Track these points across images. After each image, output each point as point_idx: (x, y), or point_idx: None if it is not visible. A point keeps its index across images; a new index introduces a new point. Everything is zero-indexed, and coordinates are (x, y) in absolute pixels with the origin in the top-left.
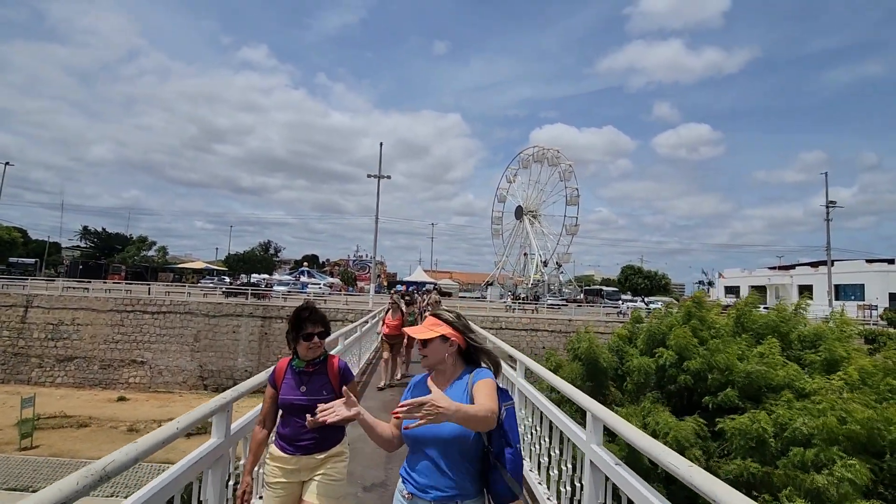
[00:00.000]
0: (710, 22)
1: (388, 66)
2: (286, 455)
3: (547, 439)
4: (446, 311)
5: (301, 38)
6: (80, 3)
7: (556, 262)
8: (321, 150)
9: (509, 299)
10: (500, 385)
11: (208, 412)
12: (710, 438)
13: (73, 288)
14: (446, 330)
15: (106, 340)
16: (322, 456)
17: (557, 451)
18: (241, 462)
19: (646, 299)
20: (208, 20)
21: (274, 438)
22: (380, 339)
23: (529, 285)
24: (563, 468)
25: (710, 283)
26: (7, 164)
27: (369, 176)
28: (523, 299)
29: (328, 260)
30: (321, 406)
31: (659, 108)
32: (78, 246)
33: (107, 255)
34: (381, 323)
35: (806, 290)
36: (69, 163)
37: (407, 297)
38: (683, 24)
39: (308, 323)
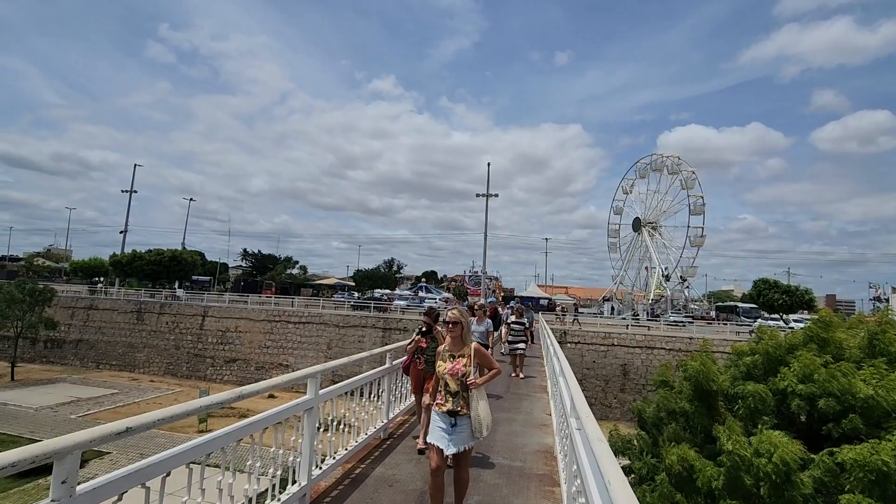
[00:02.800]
0: None
1: (506, 82)
2: None
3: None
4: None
5: (423, 66)
6: (247, 57)
7: (680, 277)
8: (443, 169)
9: (630, 315)
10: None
11: (303, 376)
12: (836, 470)
13: (236, 301)
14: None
15: (260, 346)
16: None
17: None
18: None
19: (786, 317)
20: (344, 59)
21: None
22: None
23: (650, 301)
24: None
25: (888, 300)
26: (191, 199)
27: (478, 195)
28: (637, 316)
29: (446, 276)
30: None
31: (819, 98)
32: (240, 266)
33: (261, 273)
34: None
35: None
36: (235, 194)
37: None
38: None
39: None
